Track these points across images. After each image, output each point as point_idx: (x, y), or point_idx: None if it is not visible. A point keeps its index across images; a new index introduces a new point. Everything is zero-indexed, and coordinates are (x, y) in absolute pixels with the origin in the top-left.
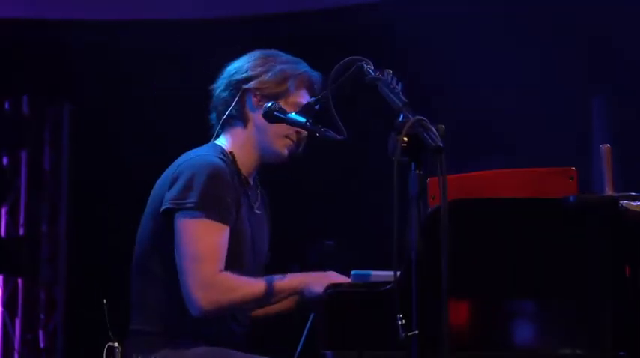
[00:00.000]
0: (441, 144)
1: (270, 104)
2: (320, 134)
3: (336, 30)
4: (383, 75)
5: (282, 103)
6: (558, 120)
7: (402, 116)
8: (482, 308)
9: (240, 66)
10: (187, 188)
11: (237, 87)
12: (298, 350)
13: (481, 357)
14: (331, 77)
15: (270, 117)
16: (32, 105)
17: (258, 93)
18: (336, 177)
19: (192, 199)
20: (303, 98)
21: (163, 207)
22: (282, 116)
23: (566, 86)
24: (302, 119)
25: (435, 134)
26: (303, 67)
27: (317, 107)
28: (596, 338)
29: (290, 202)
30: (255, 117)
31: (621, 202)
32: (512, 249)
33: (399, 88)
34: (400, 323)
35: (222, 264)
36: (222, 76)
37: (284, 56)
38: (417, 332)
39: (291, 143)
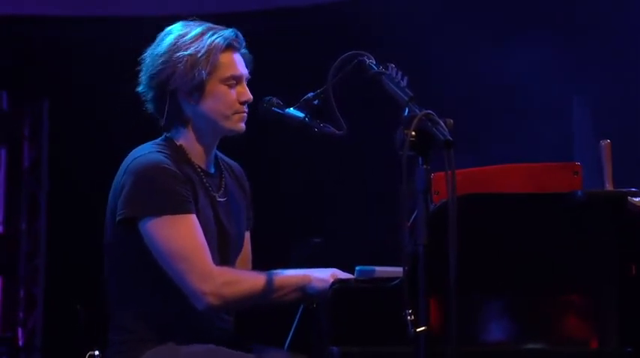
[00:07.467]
0: (451, 138)
1: (267, 99)
2: (319, 129)
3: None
4: (387, 69)
5: (213, 81)
6: (540, 117)
7: (407, 110)
8: (488, 302)
9: (148, 64)
10: (138, 194)
11: (161, 89)
12: (288, 341)
13: (486, 352)
14: (331, 72)
15: (268, 113)
16: (11, 101)
17: (183, 89)
18: (324, 174)
19: (147, 203)
20: (228, 59)
21: (119, 217)
22: (280, 111)
23: (549, 83)
24: (300, 114)
25: (443, 128)
26: (208, 39)
27: (316, 102)
28: (603, 333)
29: (277, 199)
30: (195, 110)
31: None
32: (520, 243)
33: (404, 82)
34: (409, 318)
35: (208, 252)
36: (142, 69)
37: (185, 36)
38: (425, 327)
39: (242, 115)
